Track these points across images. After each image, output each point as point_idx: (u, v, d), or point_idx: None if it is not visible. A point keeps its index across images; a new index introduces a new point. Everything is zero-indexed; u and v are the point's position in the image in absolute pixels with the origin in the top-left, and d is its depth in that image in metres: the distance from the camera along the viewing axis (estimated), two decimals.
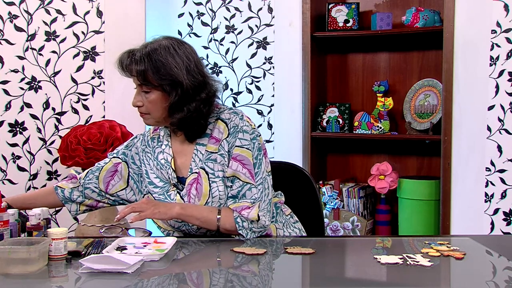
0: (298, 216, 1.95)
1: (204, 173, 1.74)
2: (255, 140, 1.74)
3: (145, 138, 1.90)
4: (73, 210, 1.89)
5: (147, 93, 1.74)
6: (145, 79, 1.72)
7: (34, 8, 2.96)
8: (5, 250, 1.37)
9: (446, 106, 2.95)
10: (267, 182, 1.75)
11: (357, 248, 1.72)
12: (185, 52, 1.75)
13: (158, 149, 1.84)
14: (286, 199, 1.94)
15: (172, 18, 3.52)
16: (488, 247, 1.61)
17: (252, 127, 1.76)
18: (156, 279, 1.39)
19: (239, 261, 1.49)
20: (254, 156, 1.73)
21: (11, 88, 2.97)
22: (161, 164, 1.81)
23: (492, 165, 2.85)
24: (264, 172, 1.75)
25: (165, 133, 1.86)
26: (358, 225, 3.22)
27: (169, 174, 1.79)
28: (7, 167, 2.98)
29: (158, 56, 1.71)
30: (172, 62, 1.71)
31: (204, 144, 1.76)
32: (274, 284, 1.32)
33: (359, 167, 3.52)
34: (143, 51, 1.72)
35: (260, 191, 1.72)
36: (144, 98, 1.76)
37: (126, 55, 1.74)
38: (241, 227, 1.69)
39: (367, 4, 3.40)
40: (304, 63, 3.30)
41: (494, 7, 2.81)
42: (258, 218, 1.69)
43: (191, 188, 1.74)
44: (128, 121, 2.91)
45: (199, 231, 1.76)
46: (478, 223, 2.88)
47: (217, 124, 1.76)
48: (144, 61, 1.71)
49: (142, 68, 1.71)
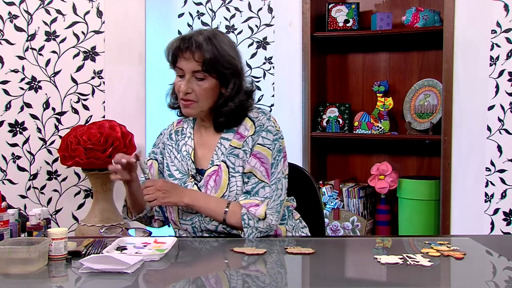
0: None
1: (225, 166, 1.74)
2: (277, 142, 1.76)
3: (167, 132, 1.91)
4: (147, 208, 1.87)
5: (201, 80, 1.71)
6: (208, 66, 1.69)
7: (34, 8, 2.96)
8: (5, 250, 1.37)
9: (446, 106, 2.95)
10: (281, 183, 1.75)
11: (357, 248, 1.72)
12: (234, 43, 1.80)
13: (181, 141, 1.85)
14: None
15: (172, 18, 3.52)
16: (488, 247, 1.61)
17: (277, 129, 1.78)
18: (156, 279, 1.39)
19: (239, 261, 1.48)
20: (273, 156, 1.74)
21: (11, 88, 2.97)
22: (183, 156, 1.81)
23: (492, 165, 2.85)
24: (280, 173, 1.75)
25: (188, 125, 1.87)
26: (358, 225, 3.22)
27: (188, 165, 1.79)
28: (7, 167, 2.98)
29: (222, 44, 1.71)
30: (233, 52, 1.74)
31: (229, 139, 1.77)
32: (274, 284, 1.32)
33: (359, 167, 3.51)
34: (206, 38, 1.69)
35: (272, 190, 1.72)
36: (195, 85, 1.72)
37: (185, 40, 1.70)
38: (247, 225, 1.69)
39: (367, 4, 3.40)
40: (304, 63, 3.30)
41: (494, 7, 2.81)
42: (265, 216, 1.69)
43: (210, 179, 1.75)
44: (128, 121, 2.91)
45: (211, 223, 1.76)
46: (478, 223, 2.88)
47: (245, 121, 1.78)
48: (209, 47, 1.68)
49: (209, 56, 1.68)
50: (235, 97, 1.75)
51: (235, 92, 1.75)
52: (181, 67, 1.72)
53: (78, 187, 3.03)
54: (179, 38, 1.73)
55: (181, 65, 1.72)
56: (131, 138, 2.80)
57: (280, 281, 1.35)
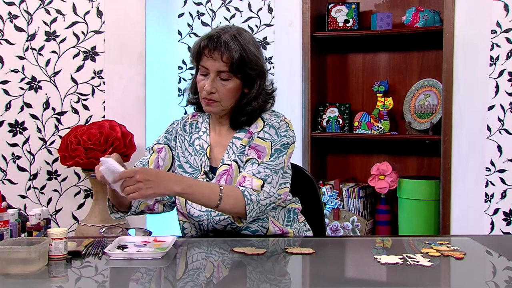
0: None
1: (236, 166, 1.73)
2: (282, 139, 1.73)
3: (181, 122, 1.87)
4: (134, 206, 1.76)
5: (225, 80, 1.70)
6: (235, 67, 1.68)
7: (34, 8, 2.96)
8: (5, 250, 1.37)
9: (446, 106, 2.95)
10: (278, 177, 1.69)
11: (357, 248, 1.72)
12: (257, 42, 1.79)
13: (195, 135, 1.83)
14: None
15: (172, 18, 3.52)
16: (488, 247, 1.61)
17: (287, 130, 1.75)
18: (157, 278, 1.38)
19: (239, 261, 1.48)
20: (272, 148, 1.70)
21: (11, 88, 2.97)
22: (196, 150, 1.79)
23: (492, 165, 2.85)
24: (278, 166, 1.69)
25: (203, 120, 1.85)
26: (358, 225, 3.22)
27: (203, 162, 1.77)
28: (7, 167, 2.98)
29: (248, 44, 1.71)
30: (258, 52, 1.74)
31: (241, 138, 1.76)
32: (274, 284, 1.32)
33: (359, 167, 3.51)
34: (233, 38, 1.68)
35: (265, 173, 1.66)
36: (219, 85, 1.70)
37: (213, 40, 1.68)
38: (249, 201, 1.61)
39: (367, 4, 3.40)
40: (304, 63, 3.30)
41: (494, 7, 2.81)
42: (261, 187, 1.65)
43: (221, 179, 1.73)
44: (128, 121, 2.91)
45: (219, 223, 1.74)
46: (478, 223, 2.88)
47: (257, 121, 1.78)
48: (237, 48, 1.67)
49: (237, 56, 1.67)
50: (258, 97, 1.75)
51: (259, 93, 1.76)
52: (207, 66, 1.70)
53: (78, 187, 3.03)
54: (206, 37, 1.71)
55: (207, 64, 1.70)
56: (131, 138, 2.80)
57: (280, 281, 1.35)
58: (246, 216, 1.63)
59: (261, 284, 1.32)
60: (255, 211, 1.64)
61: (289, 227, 1.83)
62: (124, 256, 1.48)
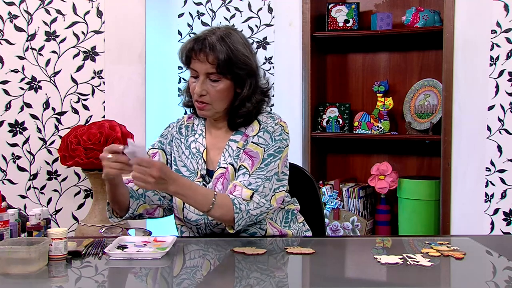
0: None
1: (232, 169, 1.72)
2: (276, 144, 1.71)
3: (177, 125, 1.86)
4: (132, 207, 1.75)
5: (215, 81, 1.68)
6: (222, 68, 1.66)
7: (34, 8, 2.96)
8: (5, 250, 1.37)
9: (446, 106, 2.95)
10: (271, 183, 1.68)
11: (357, 248, 1.72)
12: (248, 41, 1.75)
13: (191, 137, 1.81)
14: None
15: (172, 18, 3.52)
16: (488, 247, 1.61)
17: (281, 134, 1.73)
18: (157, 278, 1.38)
19: (239, 261, 1.48)
20: (265, 153, 1.69)
21: (11, 88, 2.97)
22: (192, 153, 1.78)
23: (492, 165, 2.85)
24: (272, 172, 1.69)
25: (199, 122, 1.83)
26: (358, 225, 3.22)
27: (199, 165, 1.76)
28: (7, 167, 2.98)
29: (236, 44, 1.67)
30: (247, 51, 1.70)
31: (237, 141, 1.75)
32: (274, 284, 1.32)
33: (359, 167, 3.51)
34: (219, 39, 1.66)
35: (256, 183, 1.66)
36: (209, 87, 1.69)
37: (199, 42, 1.67)
38: (238, 210, 1.61)
39: (367, 4, 3.40)
40: (304, 63, 3.30)
41: (494, 7, 2.81)
42: (251, 197, 1.64)
43: (217, 182, 1.72)
44: (128, 121, 2.91)
45: (217, 227, 1.73)
46: (478, 223, 2.88)
47: (253, 124, 1.75)
48: (223, 49, 1.65)
49: (223, 58, 1.64)
50: (251, 97, 1.72)
51: (252, 92, 1.72)
52: (195, 69, 1.69)
53: (78, 187, 3.03)
54: (192, 39, 1.70)
55: (195, 66, 1.69)
56: (131, 138, 2.80)
57: (280, 281, 1.35)
58: (235, 225, 1.63)
59: (261, 284, 1.32)
60: (244, 220, 1.64)
61: (287, 228, 1.82)
62: (124, 256, 1.48)
